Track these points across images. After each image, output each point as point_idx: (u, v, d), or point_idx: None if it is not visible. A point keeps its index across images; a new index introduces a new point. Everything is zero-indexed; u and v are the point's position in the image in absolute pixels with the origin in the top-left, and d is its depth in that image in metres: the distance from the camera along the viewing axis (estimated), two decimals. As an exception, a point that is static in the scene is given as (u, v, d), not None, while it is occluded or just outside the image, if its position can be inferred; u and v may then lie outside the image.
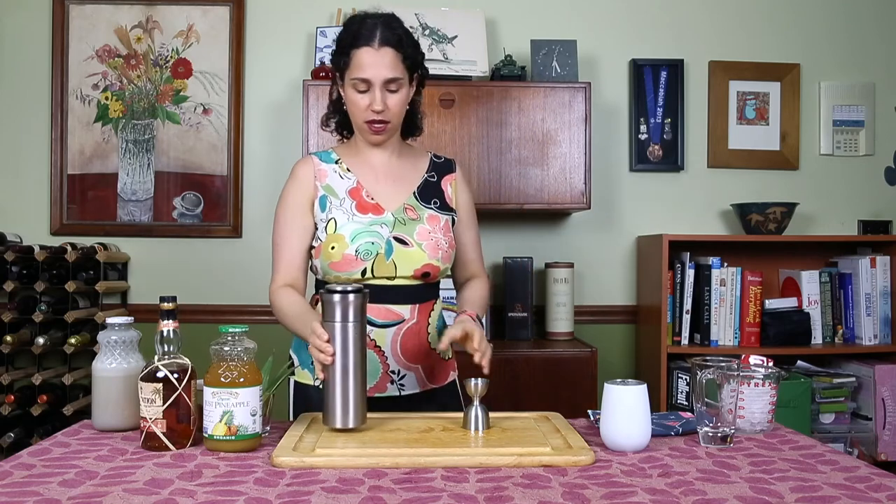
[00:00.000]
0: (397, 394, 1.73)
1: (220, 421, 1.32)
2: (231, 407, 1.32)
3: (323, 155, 1.82)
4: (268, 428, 1.47)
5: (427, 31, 2.94)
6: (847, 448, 2.86)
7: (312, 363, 1.72)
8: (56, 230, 3.11)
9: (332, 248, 1.69)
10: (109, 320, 1.50)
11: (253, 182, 3.15)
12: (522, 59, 3.05)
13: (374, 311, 1.69)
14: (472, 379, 1.48)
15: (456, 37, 2.97)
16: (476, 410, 1.46)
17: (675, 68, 3.20)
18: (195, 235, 3.14)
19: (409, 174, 1.81)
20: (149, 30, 3.13)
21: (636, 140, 3.20)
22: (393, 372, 1.72)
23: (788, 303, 3.03)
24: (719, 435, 1.39)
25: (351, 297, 1.42)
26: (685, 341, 2.95)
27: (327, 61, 2.95)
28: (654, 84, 3.20)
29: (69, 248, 2.83)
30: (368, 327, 1.68)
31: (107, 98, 3.12)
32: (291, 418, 1.75)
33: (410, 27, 1.79)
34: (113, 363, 1.47)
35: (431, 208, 1.77)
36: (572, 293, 3.01)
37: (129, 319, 1.51)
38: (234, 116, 3.12)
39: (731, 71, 3.22)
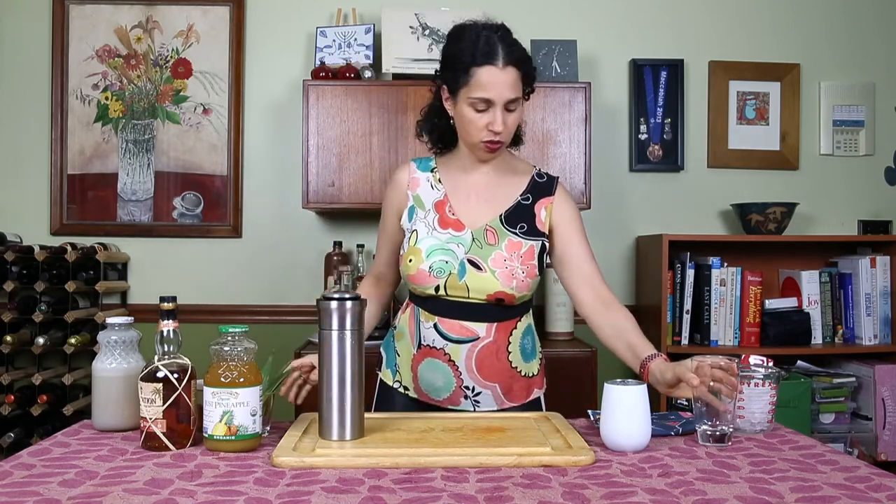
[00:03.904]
0: (472, 409, 1.72)
1: (220, 421, 1.32)
2: (231, 407, 1.32)
3: (421, 162, 1.80)
4: (268, 428, 1.47)
5: (427, 31, 2.94)
6: (847, 448, 2.86)
7: (395, 364, 1.77)
8: (56, 230, 3.11)
9: (410, 260, 1.70)
10: (109, 320, 1.50)
11: (253, 182, 3.15)
12: (522, 59, 3.05)
13: (448, 325, 1.68)
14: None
15: (456, 37, 2.96)
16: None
17: (675, 68, 3.20)
18: (195, 235, 3.14)
19: (502, 195, 1.74)
20: (149, 30, 3.13)
21: (636, 140, 3.20)
22: (467, 387, 1.70)
23: (788, 303, 3.02)
24: (717, 433, 1.39)
25: (348, 304, 1.37)
26: (685, 341, 2.95)
27: (327, 61, 2.95)
28: (654, 84, 3.20)
29: (69, 248, 2.83)
30: (443, 341, 1.69)
31: (107, 98, 3.12)
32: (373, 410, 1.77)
33: (410, 27, 1.77)
34: (113, 363, 1.47)
35: (515, 233, 1.70)
36: (572, 293, 3.01)
37: (129, 319, 1.51)
38: (234, 116, 3.12)
39: (731, 71, 3.22)
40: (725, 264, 2.96)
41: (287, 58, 3.15)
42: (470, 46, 1.62)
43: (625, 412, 1.34)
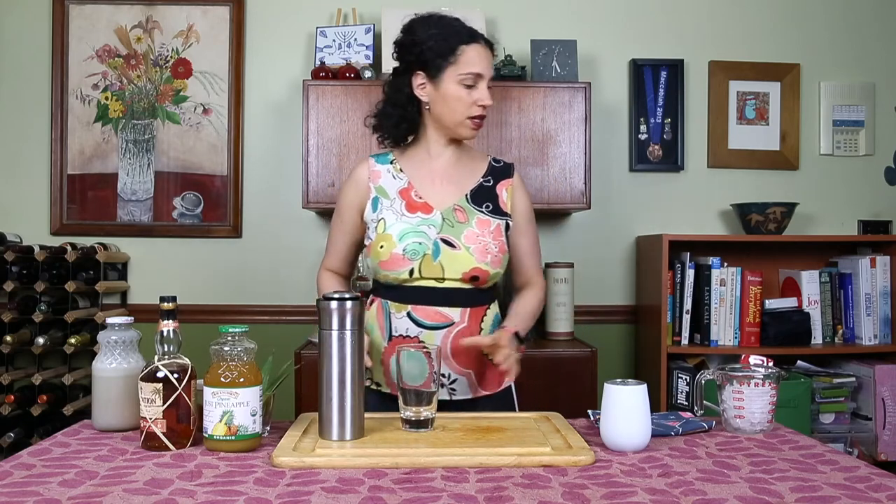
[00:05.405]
0: (448, 398, 1.72)
1: (220, 421, 1.32)
2: (231, 407, 1.32)
3: (380, 157, 1.84)
4: (268, 428, 1.47)
5: (427, 31, 2.94)
6: (847, 448, 2.86)
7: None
8: (56, 230, 3.11)
9: (381, 246, 1.72)
10: (109, 320, 1.50)
11: (253, 182, 3.15)
12: (522, 59, 3.05)
13: (422, 312, 1.70)
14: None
15: (456, 37, 2.96)
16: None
17: (675, 68, 3.20)
18: (195, 235, 3.14)
19: (465, 177, 1.80)
20: (149, 30, 3.13)
21: (636, 140, 3.20)
22: (443, 375, 1.71)
23: (788, 303, 3.02)
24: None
25: (348, 304, 1.38)
26: (685, 341, 2.95)
27: (327, 61, 2.95)
28: (654, 84, 3.20)
29: (69, 248, 2.83)
30: (417, 329, 1.70)
31: (107, 98, 3.12)
32: None
33: None
34: (113, 363, 1.47)
35: (482, 212, 1.76)
36: (572, 293, 3.01)
37: (129, 319, 1.51)
38: (234, 116, 3.12)
39: (731, 71, 3.22)
40: (725, 264, 2.96)
41: (287, 58, 3.15)
42: (450, 29, 1.74)
43: (625, 412, 1.34)
